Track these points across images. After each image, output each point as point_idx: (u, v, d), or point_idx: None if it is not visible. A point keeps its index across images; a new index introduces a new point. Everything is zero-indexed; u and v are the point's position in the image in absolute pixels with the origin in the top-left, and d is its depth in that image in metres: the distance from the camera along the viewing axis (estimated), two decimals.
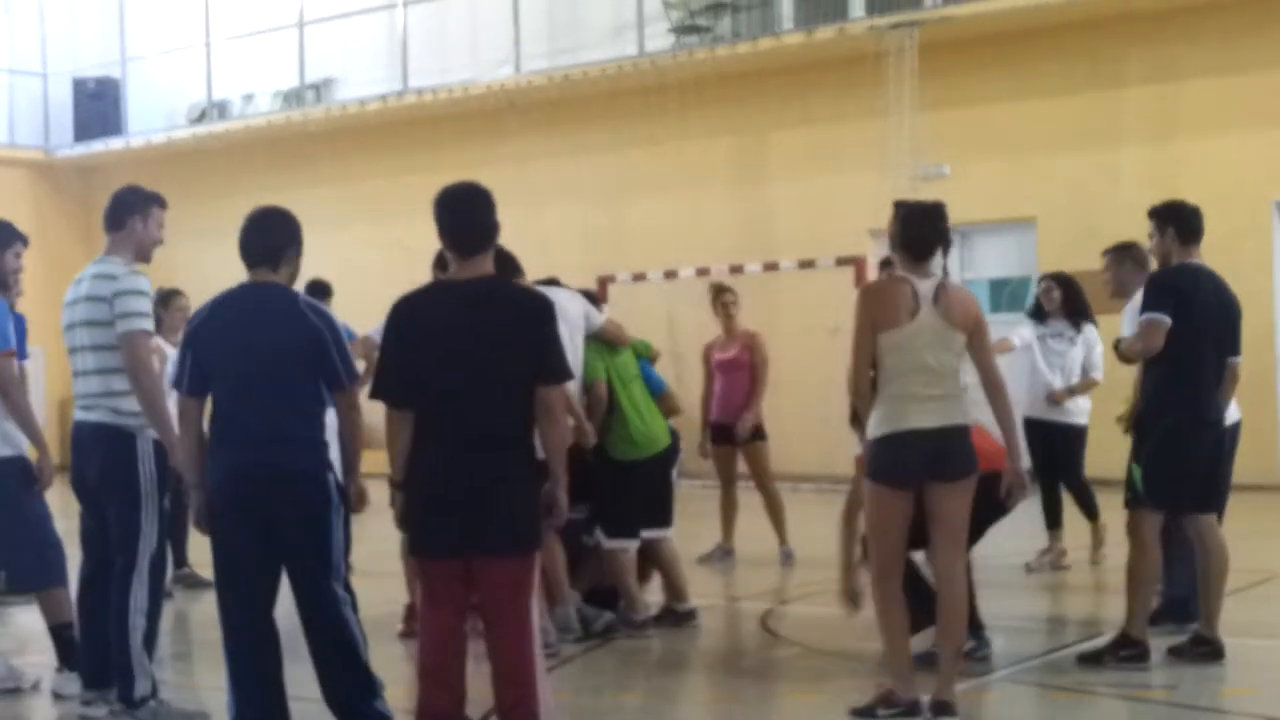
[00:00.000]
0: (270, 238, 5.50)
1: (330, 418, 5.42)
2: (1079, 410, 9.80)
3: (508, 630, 4.98)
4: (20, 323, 8.63)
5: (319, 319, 5.38)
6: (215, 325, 5.39)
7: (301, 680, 5.53)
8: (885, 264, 10.51)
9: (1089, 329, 9.86)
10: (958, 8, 15.72)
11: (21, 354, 8.38)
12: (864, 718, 5.70)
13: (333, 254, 18.60)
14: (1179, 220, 6.90)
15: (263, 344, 5.29)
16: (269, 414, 5.26)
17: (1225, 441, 7.02)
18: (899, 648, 5.71)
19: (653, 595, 8.12)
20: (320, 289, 10.53)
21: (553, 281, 7.87)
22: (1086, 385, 9.76)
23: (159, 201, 6.20)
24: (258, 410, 5.27)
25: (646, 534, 7.78)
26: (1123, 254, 7.99)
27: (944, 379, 5.66)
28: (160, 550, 5.95)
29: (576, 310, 7.55)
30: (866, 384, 5.74)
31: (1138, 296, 7.24)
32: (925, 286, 5.69)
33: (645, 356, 8.15)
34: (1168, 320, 6.62)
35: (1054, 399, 9.72)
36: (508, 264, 7.19)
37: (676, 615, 7.92)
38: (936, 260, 5.76)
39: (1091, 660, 6.81)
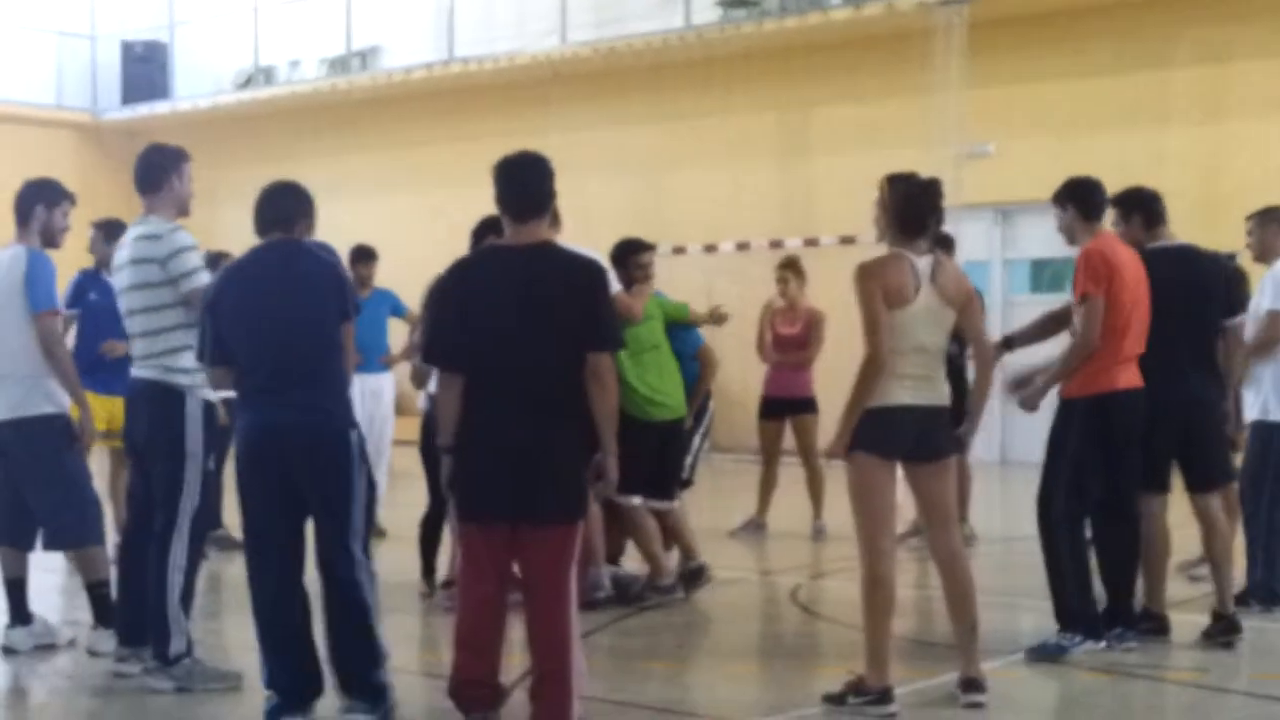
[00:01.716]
0: (282, 207, 5.56)
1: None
2: None
3: (547, 598, 5.02)
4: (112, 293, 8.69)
5: (331, 256, 5.49)
6: (233, 291, 5.39)
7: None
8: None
9: None
10: None
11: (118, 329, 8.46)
12: (834, 704, 5.62)
13: (375, 220, 18.73)
14: (1123, 202, 6.91)
15: (278, 294, 5.32)
16: (290, 370, 5.27)
17: (1197, 422, 6.92)
18: (878, 632, 5.58)
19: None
20: (365, 254, 10.61)
21: None
22: None
23: (186, 156, 6.24)
24: (281, 362, 5.28)
25: (648, 503, 7.80)
26: (1267, 217, 7.81)
27: (934, 359, 5.66)
28: (203, 510, 6.01)
29: None
30: (886, 351, 5.58)
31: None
32: (923, 264, 5.63)
33: (681, 319, 8.10)
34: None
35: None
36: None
37: (689, 573, 7.93)
38: (926, 237, 5.67)
39: (1116, 637, 6.77)
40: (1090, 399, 6.50)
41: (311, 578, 5.42)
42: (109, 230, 9.07)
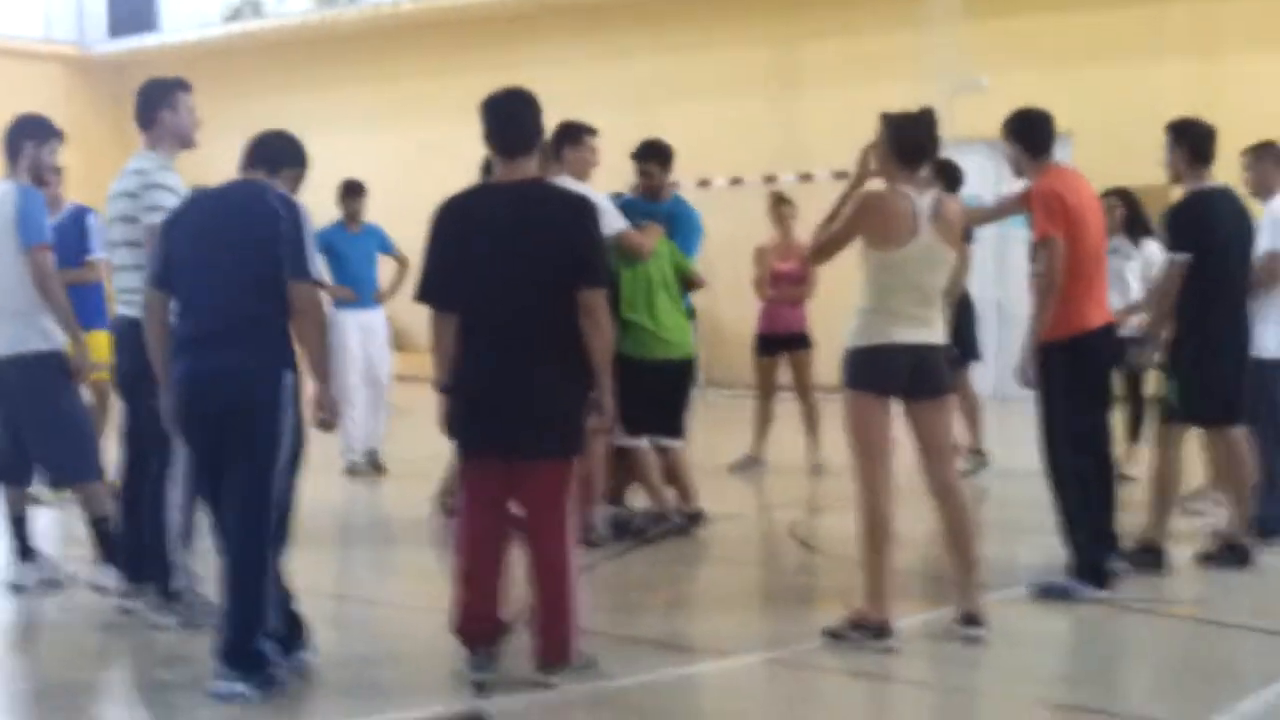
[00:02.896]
0: (274, 149, 5.42)
1: None
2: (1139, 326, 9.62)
3: (546, 532, 5.04)
4: (86, 218, 8.63)
5: (282, 206, 5.09)
6: (187, 221, 5.22)
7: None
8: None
9: (1148, 244, 9.56)
10: None
11: (92, 249, 8.41)
12: (834, 638, 5.64)
13: (364, 155, 18.56)
14: (1191, 139, 6.95)
15: (225, 237, 5.10)
16: (220, 308, 5.05)
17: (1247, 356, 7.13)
18: (876, 567, 5.60)
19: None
20: (353, 188, 10.56)
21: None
22: (1147, 301, 9.31)
23: (182, 86, 6.15)
24: (210, 304, 5.07)
25: (658, 441, 7.79)
26: (1263, 152, 7.79)
27: (930, 298, 5.66)
28: None
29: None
30: (826, 260, 5.84)
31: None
32: (923, 203, 5.60)
33: (685, 273, 8.01)
34: (1185, 257, 6.78)
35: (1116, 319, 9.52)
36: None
37: (686, 517, 7.95)
38: (924, 170, 5.66)
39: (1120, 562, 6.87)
40: (1066, 340, 6.44)
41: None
42: None
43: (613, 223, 7.54)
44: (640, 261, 7.68)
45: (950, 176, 9.31)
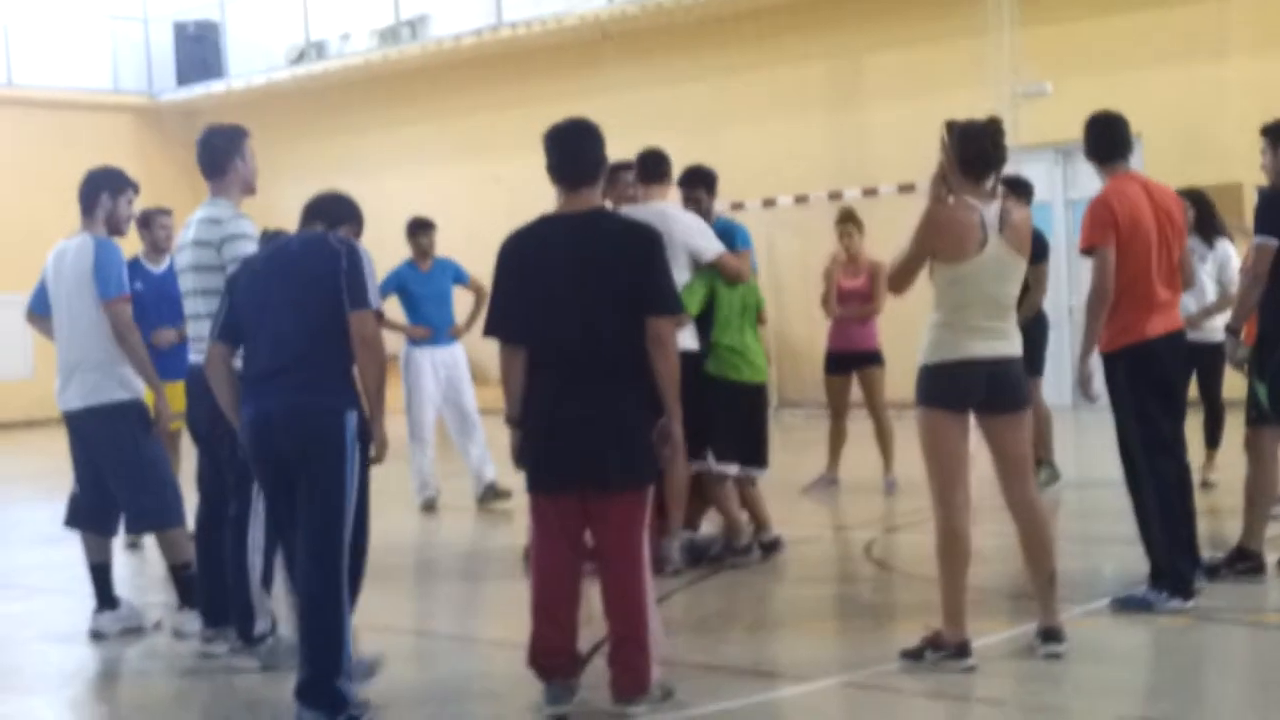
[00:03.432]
0: (329, 207, 5.57)
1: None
2: (1216, 328, 9.21)
3: (621, 564, 5.04)
4: (156, 282, 8.78)
5: (340, 245, 5.24)
6: (248, 273, 5.38)
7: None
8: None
9: (1222, 245, 9.40)
10: None
11: (166, 317, 8.50)
12: (912, 659, 5.59)
13: (431, 190, 18.80)
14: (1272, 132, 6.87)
15: (287, 281, 5.23)
16: (280, 349, 5.14)
17: None
18: (953, 587, 5.55)
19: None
20: (422, 225, 10.62)
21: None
22: (1223, 304, 9.15)
23: (246, 134, 6.26)
24: (271, 346, 5.16)
25: (748, 471, 7.79)
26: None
27: (1004, 309, 5.59)
28: None
29: (679, 231, 7.47)
30: (906, 289, 5.70)
31: None
32: (990, 214, 5.53)
33: (757, 309, 8.02)
34: (1275, 242, 6.60)
35: (1189, 323, 9.37)
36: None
37: (763, 546, 7.93)
38: (991, 180, 5.57)
39: (1209, 573, 6.81)
40: (1125, 350, 6.42)
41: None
42: (143, 219, 9.11)
43: (712, 246, 7.59)
44: (740, 283, 7.73)
45: (1022, 191, 9.25)
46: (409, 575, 8.19)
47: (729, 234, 7.97)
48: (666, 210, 7.60)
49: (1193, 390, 9.69)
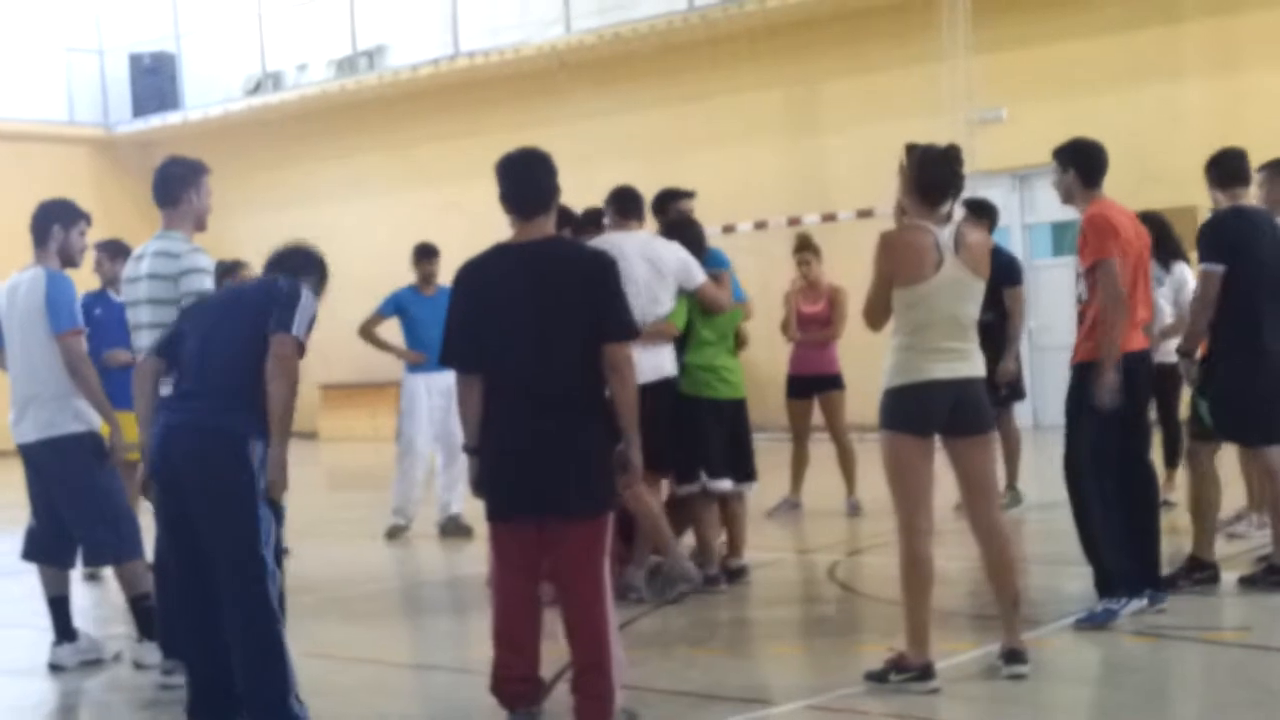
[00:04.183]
0: (292, 259, 5.48)
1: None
2: (1172, 350, 9.06)
3: (582, 592, 5.03)
4: (117, 310, 8.74)
5: (286, 283, 5.20)
6: (205, 305, 5.42)
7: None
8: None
9: (1179, 268, 9.44)
10: None
11: (124, 342, 8.45)
12: (876, 681, 5.60)
13: (388, 219, 18.80)
14: (1221, 165, 7.08)
15: (226, 308, 5.28)
16: (202, 370, 5.09)
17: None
18: (917, 609, 5.56)
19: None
20: (426, 251, 10.66)
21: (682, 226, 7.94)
22: (1179, 326, 9.06)
23: (205, 169, 6.24)
24: (195, 367, 5.12)
25: (740, 486, 7.82)
26: (1275, 169, 7.70)
27: (965, 330, 5.61)
28: None
29: (668, 260, 7.57)
30: (882, 324, 5.68)
31: None
32: (945, 235, 5.56)
33: (736, 329, 8.07)
34: (1220, 268, 6.83)
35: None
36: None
37: (731, 571, 7.93)
38: (948, 205, 5.62)
39: (1167, 583, 6.90)
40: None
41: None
42: (112, 250, 9.12)
43: (695, 276, 7.65)
44: (719, 314, 7.76)
45: (985, 214, 9.34)
46: (373, 604, 8.13)
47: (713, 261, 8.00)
48: (654, 240, 7.67)
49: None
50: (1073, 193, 6.71)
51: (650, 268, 7.47)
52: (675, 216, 8.11)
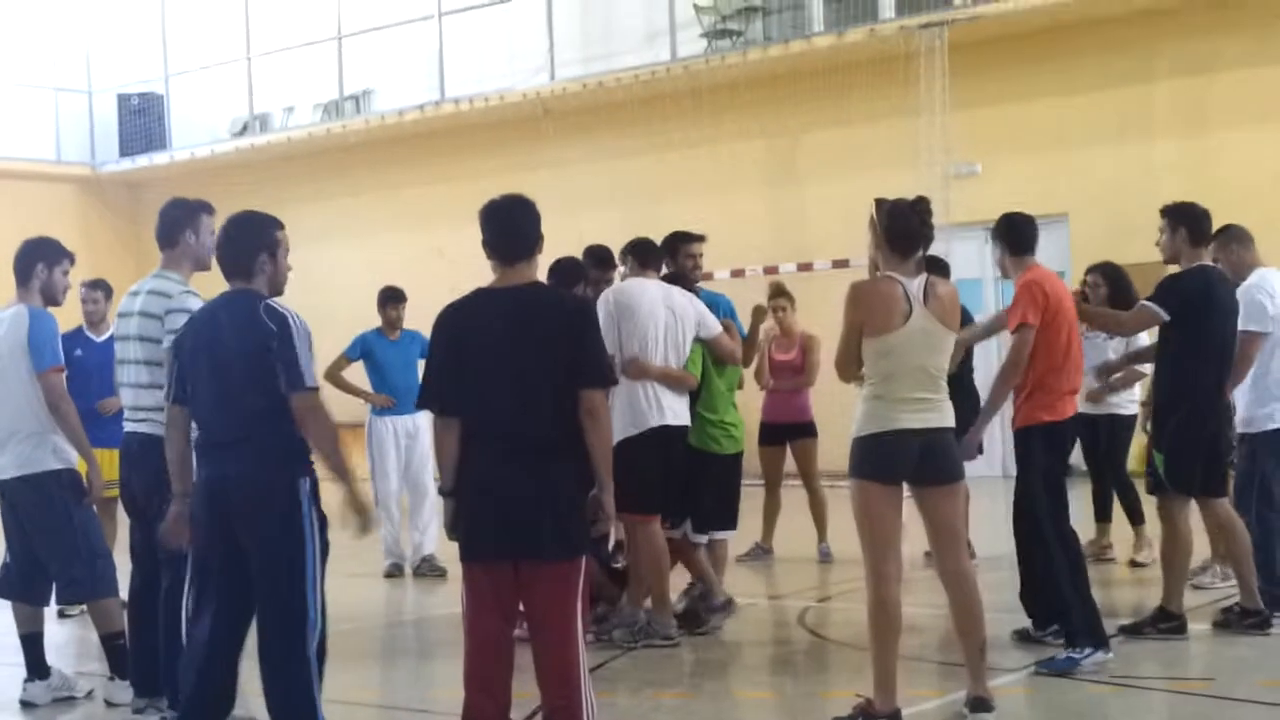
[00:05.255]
0: (237, 248, 5.32)
1: None
2: (1122, 402, 9.55)
3: (554, 634, 5.05)
4: (98, 351, 8.82)
5: (273, 322, 5.13)
6: (193, 336, 5.35)
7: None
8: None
9: None
10: (986, 7, 15.76)
11: (103, 383, 8.51)
12: None
13: (373, 262, 18.82)
14: (1190, 221, 7.21)
15: (222, 352, 5.19)
16: (230, 422, 5.15)
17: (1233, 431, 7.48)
18: (885, 655, 5.62)
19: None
20: (392, 295, 10.73)
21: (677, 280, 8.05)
22: (1130, 379, 9.35)
23: (206, 209, 6.30)
24: (219, 418, 5.18)
25: (717, 535, 7.97)
26: (1225, 236, 7.80)
27: (935, 381, 5.68)
28: None
29: (687, 307, 7.73)
30: (854, 375, 5.78)
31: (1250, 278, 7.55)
32: (914, 287, 5.66)
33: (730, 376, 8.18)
34: (1164, 315, 7.06)
35: (1090, 398, 9.55)
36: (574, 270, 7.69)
37: (715, 608, 8.00)
38: (917, 256, 5.73)
39: (1132, 631, 7.15)
40: (1047, 426, 6.82)
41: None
42: (106, 290, 9.21)
43: (713, 326, 7.79)
44: (732, 364, 7.87)
45: (938, 269, 9.43)
46: (344, 644, 8.13)
47: (713, 305, 8.12)
48: (672, 289, 7.81)
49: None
50: (1005, 265, 7.05)
51: (671, 315, 7.60)
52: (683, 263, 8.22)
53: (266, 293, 5.29)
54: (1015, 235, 7.00)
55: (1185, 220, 7.22)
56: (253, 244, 5.33)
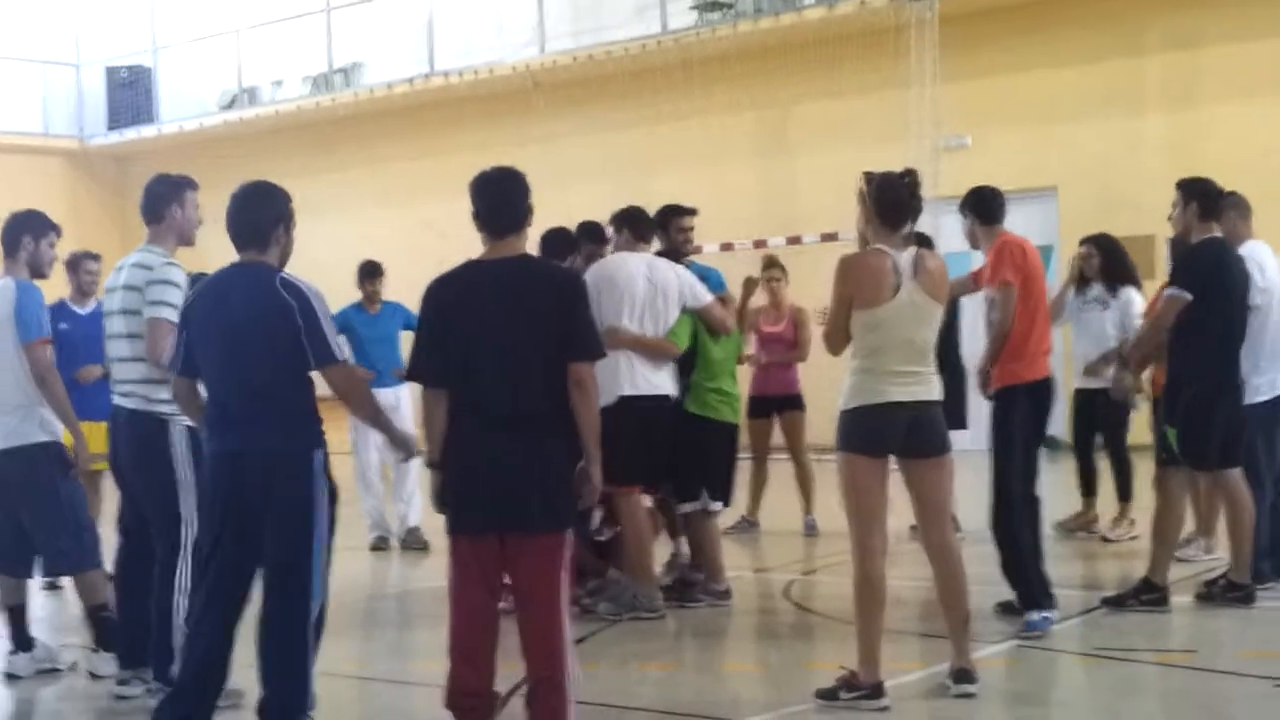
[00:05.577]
0: (256, 218, 5.30)
1: None
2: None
3: (540, 607, 5.06)
4: (83, 323, 8.81)
5: (292, 296, 5.13)
6: (201, 309, 5.31)
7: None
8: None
9: (1126, 292, 9.47)
10: None
11: (90, 357, 8.52)
12: (827, 699, 5.67)
13: (362, 235, 18.79)
14: (1202, 196, 7.27)
15: (236, 323, 5.17)
16: (244, 394, 5.16)
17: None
18: (869, 628, 5.64)
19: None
20: (371, 269, 10.74)
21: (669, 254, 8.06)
22: (1122, 350, 9.07)
23: (190, 184, 6.29)
24: (233, 392, 5.19)
25: (710, 505, 7.93)
26: (1234, 206, 7.81)
27: (923, 354, 5.68)
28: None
29: (670, 279, 7.72)
30: (844, 348, 5.80)
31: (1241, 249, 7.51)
32: (904, 260, 5.66)
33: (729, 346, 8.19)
34: (1188, 296, 7.05)
35: (1089, 370, 9.54)
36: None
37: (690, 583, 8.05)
38: (907, 229, 5.75)
39: (1115, 603, 7.20)
40: (1029, 385, 6.91)
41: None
42: (98, 259, 9.19)
43: (701, 295, 7.78)
44: (724, 335, 7.87)
45: (921, 244, 9.44)
46: (333, 616, 8.14)
47: (703, 279, 8.13)
48: (657, 260, 7.81)
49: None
50: (976, 235, 7.14)
51: (651, 287, 7.59)
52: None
53: (277, 265, 5.29)
54: (984, 206, 7.13)
55: (1197, 195, 7.28)
56: (271, 214, 5.34)
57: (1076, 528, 9.73)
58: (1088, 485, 9.82)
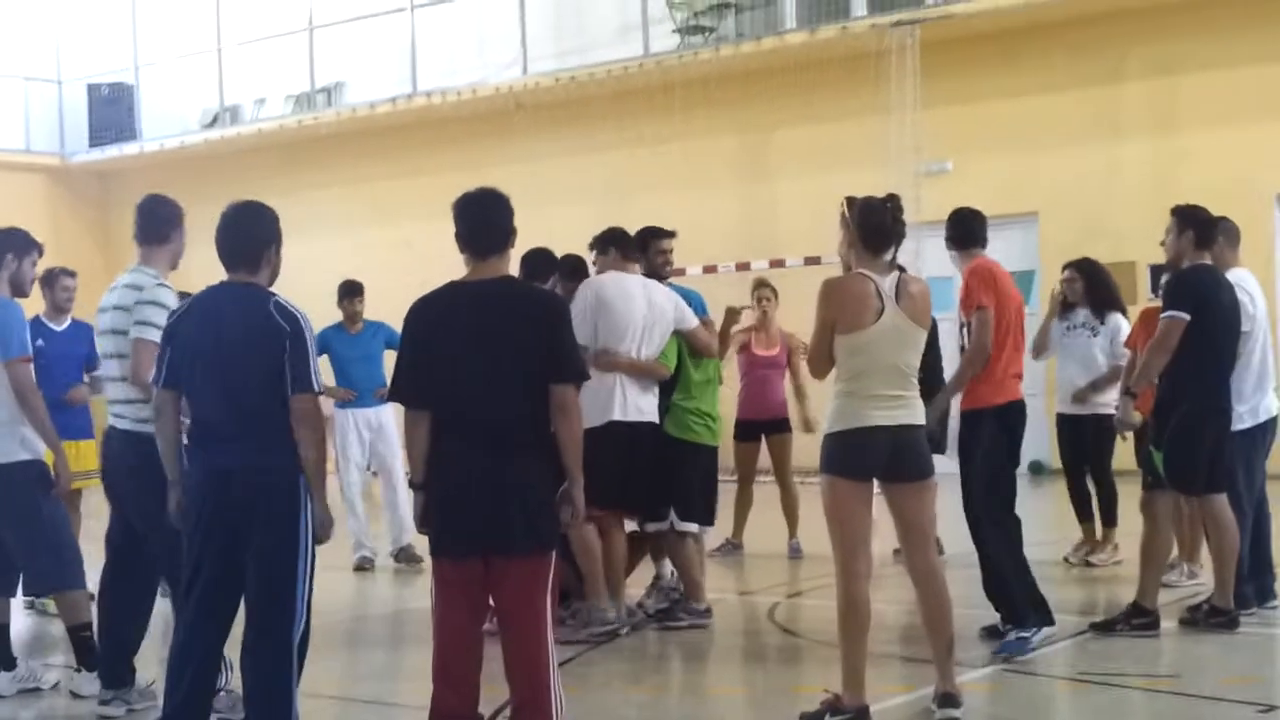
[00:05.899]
0: (248, 238, 5.30)
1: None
2: (1107, 402, 9.29)
3: (523, 628, 5.06)
4: (60, 340, 8.78)
5: (285, 321, 5.14)
6: (190, 323, 5.28)
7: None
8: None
9: (1114, 318, 9.47)
10: (958, 5, 15.86)
11: (68, 374, 8.49)
12: None
13: (343, 255, 18.75)
14: (1198, 224, 7.31)
15: (228, 344, 5.15)
16: (233, 415, 5.13)
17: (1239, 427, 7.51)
18: (853, 652, 5.64)
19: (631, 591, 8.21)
20: (352, 289, 10.72)
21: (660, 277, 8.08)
22: (1113, 377, 9.14)
23: (184, 212, 6.32)
24: (222, 411, 5.15)
25: (690, 527, 7.90)
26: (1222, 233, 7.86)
27: (906, 378, 5.69)
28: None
29: (665, 303, 7.73)
30: (827, 372, 5.79)
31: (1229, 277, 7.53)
32: (887, 284, 5.67)
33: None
34: (1187, 316, 7.08)
35: (1077, 397, 9.52)
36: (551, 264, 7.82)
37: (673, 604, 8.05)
38: (890, 253, 5.74)
39: (1104, 627, 7.21)
40: (997, 408, 6.99)
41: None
42: (75, 275, 9.14)
43: (689, 318, 7.80)
44: (709, 358, 7.89)
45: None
46: (317, 637, 8.11)
47: (685, 300, 8.13)
48: (649, 281, 7.83)
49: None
50: (958, 259, 7.24)
51: (650, 308, 7.60)
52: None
53: (267, 285, 5.28)
54: (960, 231, 7.25)
55: (1194, 223, 7.31)
56: (264, 235, 5.34)
57: (1080, 559, 9.63)
58: (1082, 511, 9.79)
